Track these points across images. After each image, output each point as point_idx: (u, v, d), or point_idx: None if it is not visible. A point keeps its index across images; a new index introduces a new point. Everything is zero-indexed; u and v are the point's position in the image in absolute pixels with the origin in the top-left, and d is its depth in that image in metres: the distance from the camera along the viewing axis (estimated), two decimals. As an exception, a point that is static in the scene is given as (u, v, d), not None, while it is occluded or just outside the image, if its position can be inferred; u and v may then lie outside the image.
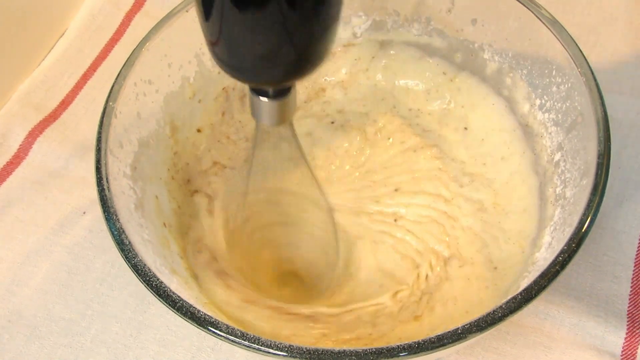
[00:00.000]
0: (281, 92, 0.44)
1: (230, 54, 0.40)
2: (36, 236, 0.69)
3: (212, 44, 0.40)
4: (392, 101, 0.69)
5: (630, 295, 0.61)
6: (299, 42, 0.38)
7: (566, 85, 0.56)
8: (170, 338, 0.62)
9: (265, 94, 0.44)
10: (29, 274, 0.67)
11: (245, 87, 0.67)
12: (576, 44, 0.55)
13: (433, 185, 0.64)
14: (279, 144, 0.52)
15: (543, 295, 0.45)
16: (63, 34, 0.85)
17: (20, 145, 0.75)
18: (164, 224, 0.58)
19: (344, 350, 0.42)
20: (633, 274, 0.62)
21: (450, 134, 0.66)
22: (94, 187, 0.51)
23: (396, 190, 0.64)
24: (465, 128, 0.66)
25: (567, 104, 0.56)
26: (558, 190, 0.56)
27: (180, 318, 0.45)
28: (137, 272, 0.47)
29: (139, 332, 0.63)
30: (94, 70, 0.81)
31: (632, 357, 0.58)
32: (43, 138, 0.75)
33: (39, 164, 0.74)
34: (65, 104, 0.79)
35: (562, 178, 0.56)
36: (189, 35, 0.62)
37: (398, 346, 0.42)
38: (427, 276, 0.59)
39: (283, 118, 0.46)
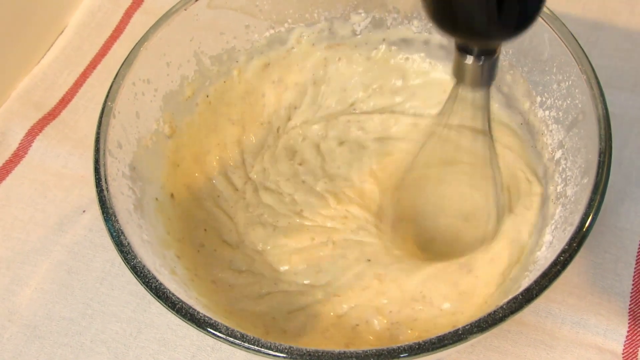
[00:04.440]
0: (486, 52, 0.46)
1: (450, 5, 0.41)
2: (36, 235, 0.69)
3: None
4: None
5: (632, 292, 0.61)
6: None
7: (567, 83, 0.56)
8: (170, 337, 0.62)
9: (471, 52, 0.46)
10: (29, 273, 0.66)
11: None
12: (577, 41, 0.55)
13: None
14: (470, 108, 0.53)
15: (544, 294, 0.45)
16: (62, 31, 0.84)
17: (20, 143, 0.75)
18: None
19: (345, 352, 0.42)
20: (635, 272, 0.62)
21: None
22: (93, 186, 0.51)
23: None
24: None
25: (568, 102, 0.56)
26: (559, 188, 0.56)
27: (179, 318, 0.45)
28: (136, 273, 0.47)
29: (139, 331, 0.63)
30: (94, 68, 0.81)
31: (633, 355, 0.58)
32: (42, 136, 0.75)
33: (38, 163, 0.74)
34: (64, 101, 0.78)
35: (563, 176, 0.56)
36: (188, 34, 0.62)
37: (399, 347, 0.42)
38: None
39: (485, 80, 0.48)
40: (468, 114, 0.53)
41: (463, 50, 0.46)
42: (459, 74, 0.48)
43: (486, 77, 0.48)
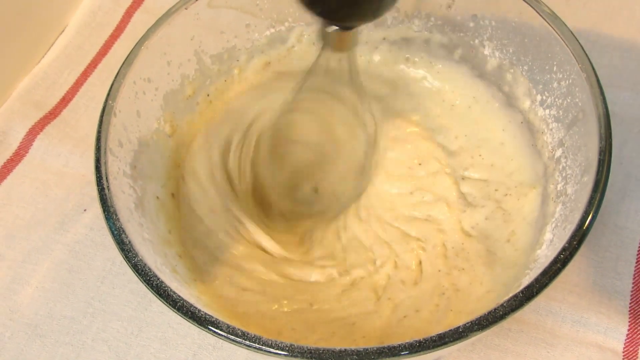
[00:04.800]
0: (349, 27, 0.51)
1: None
2: (37, 234, 0.69)
3: None
4: None
5: (632, 291, 0.61)
6: None
7: (567, 81, 0.56)
8: (171, 336, 0.62)
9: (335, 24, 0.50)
10: (30, 272, 0.66)
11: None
12: (577, 40, 0.55)
13: None
14: (336, 70, 0.56)
15: (544, 292, 0.45)
16: (63, 30, 0.84)
17: (21, 142, 0.75)
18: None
19: (345, 350, 0.42)
20: (635, 270, 0.62)
21: None
22: (94, 185, 0.51)
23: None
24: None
25: (568, 100, 0.56)
26: (559, 186, 0.56)
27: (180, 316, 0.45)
28: (138, 272, 0.47)
29: (140, 330, 0.63)
30: (94, 67, 0.81)
31: (634, 354, 0.58)
32: (43, 135, 0.75)
33: (39, 162, 0.74)
34: (65, 101, 0.78)
35: (564, 174, 0.56)
36: (189, 32, 0.62)
37: (400, 345, 0.42)
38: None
39: (348, 46, 0.53)
40: (336, 74, 0.56)
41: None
42: (324, 39, 0.52)
43: (349, 44, 0.52)
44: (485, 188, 0.63)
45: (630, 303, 0.61)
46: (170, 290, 0.46)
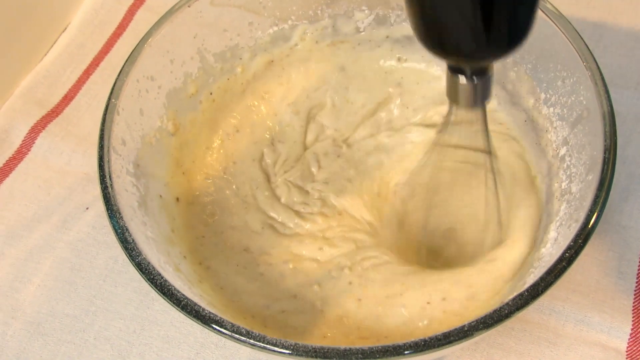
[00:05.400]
0: (479, 72, 0.45)
1: (439, 28, 0.41)
2: (39, 232, 0.69)
3: (419, 18, 0.41)
4: None
5: (635, 290, 0.61)
6: (508, 14, 0.39)
7: (571, 80, 0.56)
8: (174, 334, 0.62)
9: (464, 73, 0.45)
10: (32, 271, 0.66)
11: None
12: (581, 38, 0.55)
13: None
14: (467, 128, 0.53)
15: (548, 292, 0.45)
16: (65, 28, 0.84)
17: (23, 141, 0.75)
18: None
19: (350, 349, 0.42)
20: (638, 270, 0.62)
21: None
22: (96, 183, 0.51)
23: None
24: None
25: (573, 98, 0.56)
26: (564, 185, 0.56)
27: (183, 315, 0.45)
28: (141, 270, 0.47)
29: (143, 329, 0.63)
30: (97, 65, 0.81)
31: (637, 353, 0.58)
32: (46, 133, 0.75)
33: (41, 160, 0.74)
34: (67, 99, 0.78)
35: (568, 173, 0.56)
36: (191, 31, 0.62)
37: (405, 344, 0.42)
38: None
39: (479, 100, 0.47)
40: (466, 134, 0.53)
41: (455, 70, 0.45)
42: (452, 94, 0.47)
43: (480, 97, 0.47)
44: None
45: (633, 302, 0.61)
46: (174, 288, 0.46)
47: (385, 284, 0.57)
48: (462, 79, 0.45)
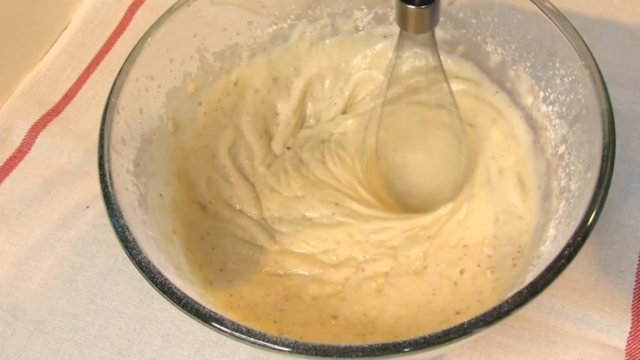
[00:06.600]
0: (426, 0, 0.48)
1: None
2: (39, 231, 0.69)
3: None
4: None
5: (635, 289, 0.61)
6: None
7: (570, 78, 0.56)
8: (174, 333, 0.62)
9: (411, 2, 0.48)
10: (33, 269, 0.67)
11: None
12: (580, 37, 0.55)
13: None
14: (419, 54, 0.55)
15: (547, 289, 0.45)
16: (65, 27, 0.84)
17: (23, 139, 0.75)
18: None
19: (350, 346, 0.42)
20: (638, 268, 0.62)
21: None
22: (97, 182, 0.51)
23: None
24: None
25: (571, 97, 0.56)
26: (562, 183, 0.56)
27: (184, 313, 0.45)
28: (142, 269, 0.47)
29: (143, 327, 0.63)
30: (97, 64, 0.81)
31: (636, 352, 0.58)
32: (46, 132, 0.75)
33: (42, 159, 0.74)
34: (68, 98, 0.79)
35: (567, 171, 0.56)
36: (191, 30, 0.62)
37: (404, 341, 0.42)
38: None
39: (427, 26, 0.50)
40: (417, 58, 0.55)
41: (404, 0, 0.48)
42: (402, 22, 0.50)
43: (428, 23, 0.50)
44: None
45: (633, 301, 0.61)
46: (175, 287, 0.46)
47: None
48: (411, 7, 0.48)
